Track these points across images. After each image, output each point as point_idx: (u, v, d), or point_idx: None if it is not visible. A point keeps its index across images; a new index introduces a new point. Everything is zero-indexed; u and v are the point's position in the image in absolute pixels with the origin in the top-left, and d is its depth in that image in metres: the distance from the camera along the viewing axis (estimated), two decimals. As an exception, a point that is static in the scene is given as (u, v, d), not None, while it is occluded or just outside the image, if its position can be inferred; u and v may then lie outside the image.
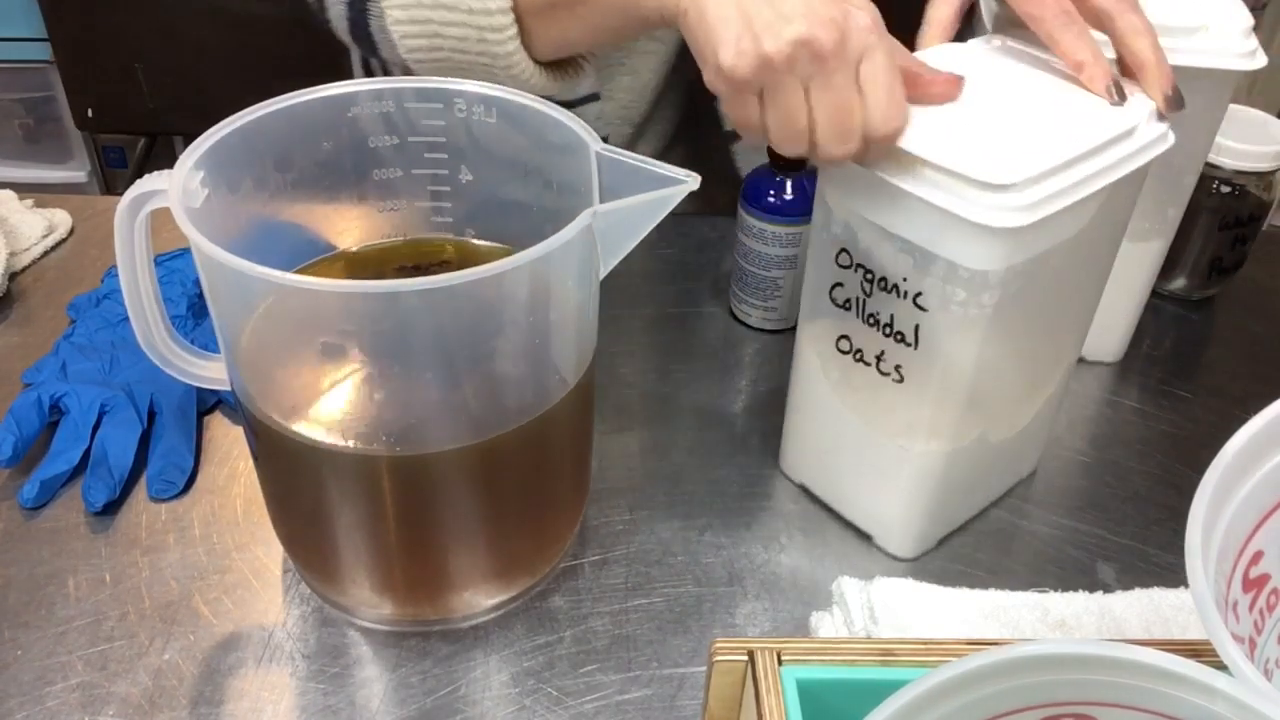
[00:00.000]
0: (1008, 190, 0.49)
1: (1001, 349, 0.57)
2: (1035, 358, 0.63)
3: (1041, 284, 0.56)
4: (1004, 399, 0.62)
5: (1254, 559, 0.39)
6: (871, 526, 0.65)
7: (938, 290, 0.53)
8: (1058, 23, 0.55)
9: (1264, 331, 0.85)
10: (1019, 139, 0.52)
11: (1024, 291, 0.54)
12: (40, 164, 1.82)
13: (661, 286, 0.85)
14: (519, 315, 0.51)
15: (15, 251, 0.83)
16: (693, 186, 0.49)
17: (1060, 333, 0.64)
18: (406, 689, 0.55)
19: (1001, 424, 0.63)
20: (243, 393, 0.53)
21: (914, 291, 0.55)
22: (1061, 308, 0.61)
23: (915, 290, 0.55)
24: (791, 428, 0.68)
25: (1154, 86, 0.56)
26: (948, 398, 0.57)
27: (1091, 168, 0.52)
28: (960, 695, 0.32)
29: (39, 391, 0.67)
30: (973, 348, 0.55)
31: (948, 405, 0.57)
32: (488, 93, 0.57)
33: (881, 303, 0.57)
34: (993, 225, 0.49)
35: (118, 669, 0.55)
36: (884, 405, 0.60)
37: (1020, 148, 0.51)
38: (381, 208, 0.61)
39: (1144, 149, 0.55)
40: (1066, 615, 0.57)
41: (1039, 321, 0.60)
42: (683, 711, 0.55)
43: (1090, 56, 0.55)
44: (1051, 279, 0.57)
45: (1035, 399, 0.65)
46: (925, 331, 0.55)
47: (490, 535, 0.56)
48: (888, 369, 0.58)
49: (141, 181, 0.51)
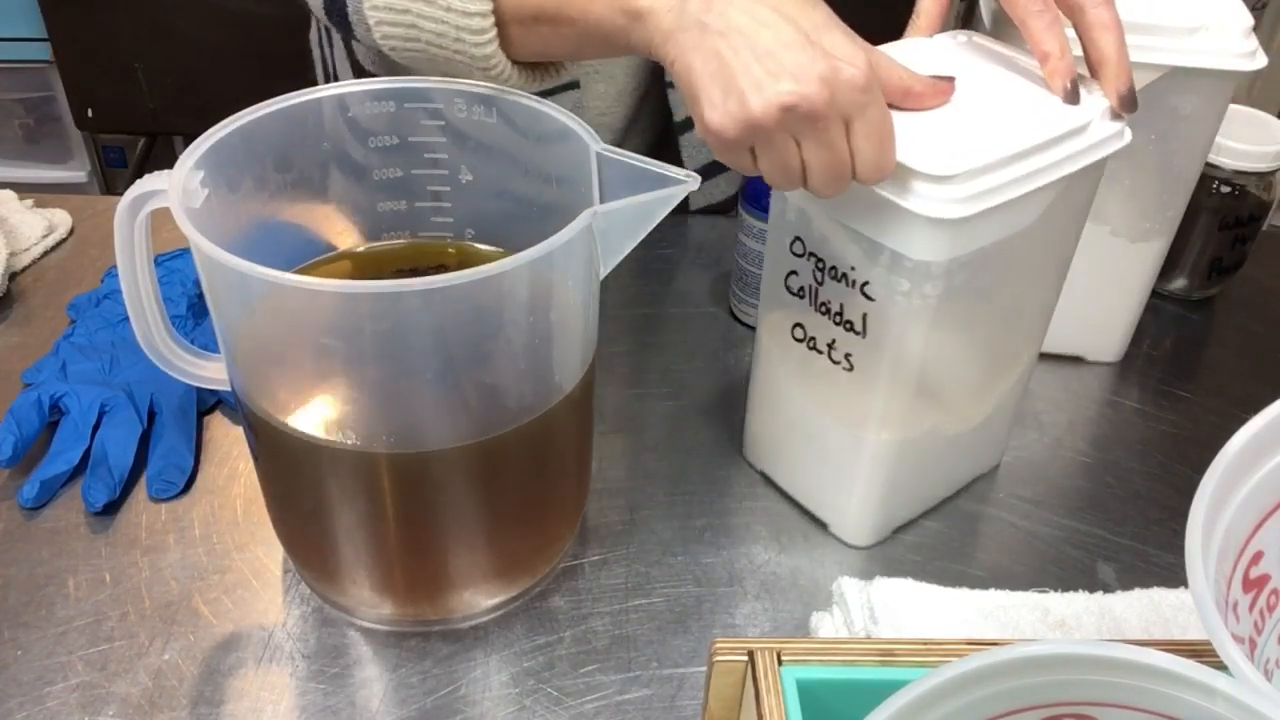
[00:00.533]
0: (949, 182, 0.49)
1: (951, 340, 0.57)
2: (989, 350, 0.63)
3: (991, 276, 0.56)
4: (957, 391, 0.62)
5: (1254, 559, 0.39)
6: (827, 514, 0.65)
7: (884, 280, 0.54)
8: (1032, 9, 0.55)
9: (1264, 331, 0.85)
10: (968, 132, 0.52)
11: (972, 283, 0.55)
12: (40, 164, 1.82)
13: (661, 286, 0.85)
14: (519, 315, 0.51)
15: (15, 251, 0.83)
16: (693, 187, 0.50)
17: (1017, 326, 0.63)
18: (406, 689, 0.55)
19: (956, 416, 0.63)
20: (242, 392, 0.53)
21: (862, 281, 0.55)
22: (1016, 301, 0.61)
23: (863, 279, 0.55)
24: (752, 415, 0.68)
25: (1111, 84, 0.56)
26: (897, 387, 0.57)
27: (1039, 163, 0.52)
28: (960, 696, 0.32)
29: (39, 391, 0.67)
30: (919, 338, 0.55)
31: (897, 395, 0.57)
32: (487, 93, 0.57)
33: (832, 291, 0.57)
34: (933, 216, 0.50)
35: (118, 669, 0.55)
36: (836, 394, 0.60)
37: (967, 140, 0.51)
38: (381, 208, 0.61)
39: (1096, 146, 0.55)
40: (1066, 615, 0.57)
41: (991, 314, 0.60)
42: (683, 711, 0.55)
43: (1057, 49, 0.55)
44: (1003, 272, 0.57)
45: (992, 392, 0.65)
46: (873, 321, 0.56)
47: (490, 535, 0.56)
48: (839, 358, 0.59)
49: (141, 181, 0.51)
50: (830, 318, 0.58)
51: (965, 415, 0.64)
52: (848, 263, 0.55)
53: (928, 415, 0.60)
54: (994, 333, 0.62)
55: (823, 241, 0.56)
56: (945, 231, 0.51)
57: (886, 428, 0.59)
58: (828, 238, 0.56)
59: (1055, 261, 0.62)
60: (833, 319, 0.58)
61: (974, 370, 0.62)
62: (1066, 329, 0.76)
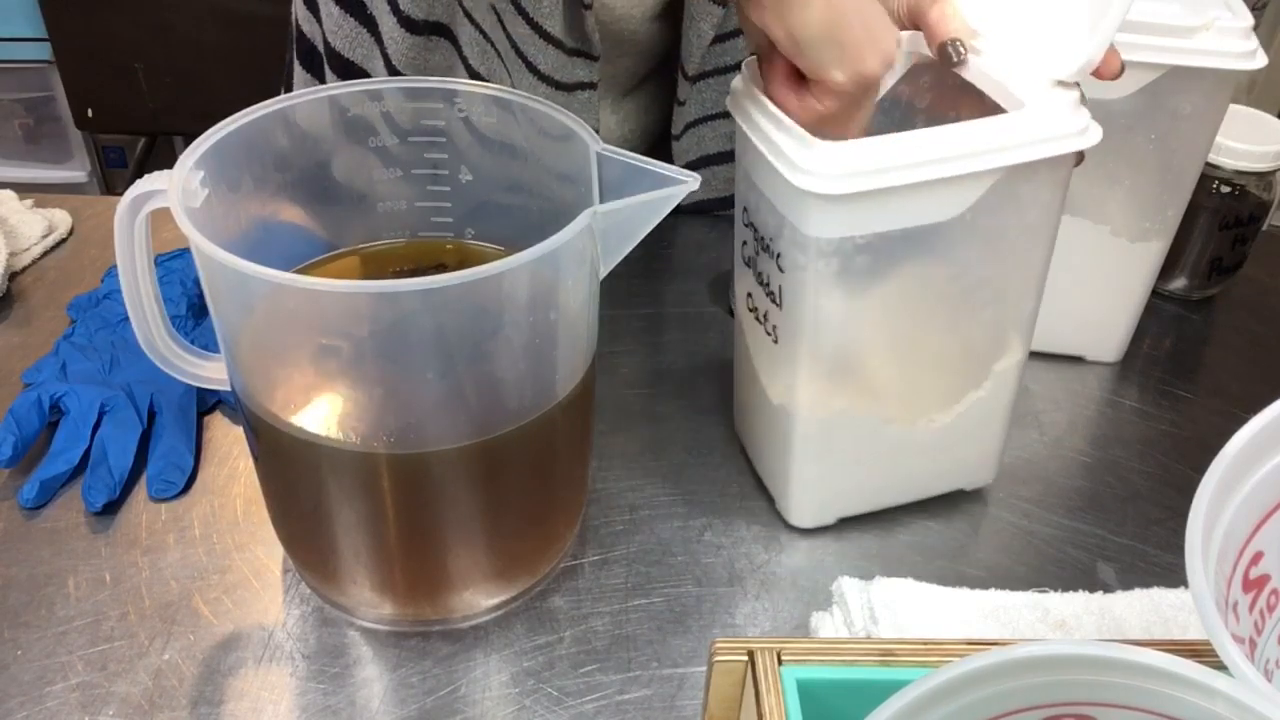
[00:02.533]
0: (815, 151, 0.49)
1: (874, 326, 0.57)
2: (937, 350, 0.60)
3: (919, 268, 0.55)
4: (892, 382, 0.61)
5: (1254, 559, 0.39)
6: (775, 490, 0.66)
7: (789, 253, 0.54)
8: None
9: (1264, 331, 0.85)
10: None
11: (883, 269, 0.54)
12: (40, 164, 1.82)
13: (661, 286, 0.85)
14: (519, 315, 0.51)
15: (15, 251, 0.83)
16: (693, 186, 0.50)
17: (977, 330, 0.60)
18: (406, 689, 0.55)
19: (895, 409, 0.61)
20: (243, 392, 0.53)
21: (777, 252, 0.55)
22: (970, 302, 0.58)
23: (778, 250, 0.55)
24: (734, 389, 0.69)
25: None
26: (812, 364, 0.57)
27: (948, 150, 0.50)
28: (961, 696, 0.32)
29: (39, 391, 0.67)
30: (826, 314, 0.55)
31: (813, 372, 0.57)
32: (488, 93, 0.57)
33: (764, 263, 0.58)
34: (805, 189, 0.49)
35: (118, 669, 0.55)
36: (770, 366, 0.61)
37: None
38: (381, 208, 0.61)
39: (1040, 143, 0.51)
40: (1066, 615, 0.57)
41: (931, 310, 0.58)
42: (683, 711, 0.55)
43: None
44: (939, 266, 0.55)
45: (954, 398, 0.62)
46: (786, 292, 0.56)
47: (490, 535, 0.56)
48: (770, 330, 0.59)
49: (141, 181, 0.51)
50: (763, 288, 0.58)
51: (912, 413, 0.62)
52: (769, 232, 0.56)
53: (851, 399, 0.60)
54: (938, 332, 0.59)
55: (755, 210, 0.57)
56: (829, 207, 0.50)
57: (807, 405, 0.59)
58: (758, 207, 0.57)
59: (1020, 265, 0.58)
60: (764, 289, 0.58)
61: (914, 366, 0.60)
62: (1066, 329, 0.76)
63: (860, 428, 0.61)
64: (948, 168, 0.51)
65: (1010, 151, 0.51)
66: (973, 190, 0.52)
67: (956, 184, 0.52)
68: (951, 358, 0.61)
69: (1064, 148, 0.52)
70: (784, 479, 0.64)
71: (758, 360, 0.63)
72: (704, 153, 0.89)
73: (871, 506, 0.66)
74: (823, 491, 0.64)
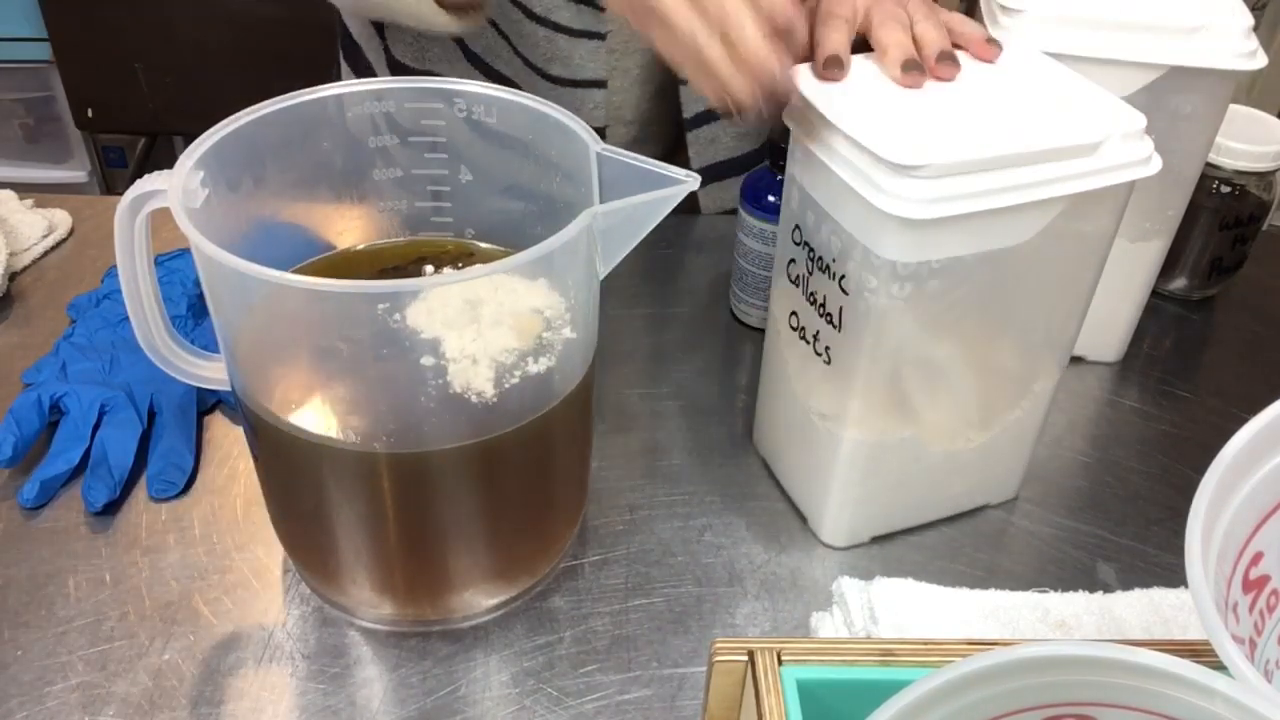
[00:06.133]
0: (914, 175, 0.49)
1: (932, 350, 0.56)
2: (984, 371, 0.60)
3: (980, 290, 0.55)
4: (944, 405, 0.60)
5: (1254, 560, 0.39)
6: (808, 509, 0.65)
7: (857, 275, 0.54)
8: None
9: (1264, 331, 0.85)
10: (953, 129, 0.51)
11: (953, 293, 0.54)
12: (40, 164, 1.82)
13: (661, 286, 0.85)
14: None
15: (15, 251, 0.83)
16: (692, 186, 0.50)
17: (1020, 352, 0.61)
18: (406, 689, 0.55)
19: (944, 432, 0.62)
20: (243, 392, 0.53)
21: (840, 274, 0.55)
22: (1020, 324, 0.59)
23: (841, 272, 0.55)
24: (759, 401, 0.69)
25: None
26: (868, 387, 0.57)
27: (1027, 176, 0.50)
28: (961, 696, 0.32)
29: (39, 391, 0.67)
30: (890, 338, 0.55)
31: (869, 395, 0.57)
32: (488, 93, 0.57)
33: (819, 282, 0.57)
34: (894, 214, 0.49)
35: (118, 669, 0.55)
36: (818, 387, 0.60)
37: (947, 137, 0.50)
38: (381, 208, 0.61)
39: (1110, 170, 0.52)
40: (1066, 615, 0.57)
41: (984, 332, 0.58)
42: (683, 711, 0.55)
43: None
44: (1000, 289, 0.56)
45: (994, 417, 0.63)
46: (847, 315, 0.56)
47: (490, 535, 0.56)
48: (820, 349, 0.59)
49: (141, 181, 0.51)
50: (816, 308, 0.58)
51: (954, 433, 0.62)
52: (830, 254, 0.55)
53: (905, 423, 0.59)
54: (989, 353, 0.60)
55: (814, 230, 0.57)
56: (911, 232, 0.50)
57: (857, 426, 0.59)
58: (818, 227, 0.56)
59: (1070, 289, 0.59)
60: (817, 310, 0.58)
61: (963, 388, 0.61)
62: (1067, 329, 0.76)
63: (906, 449, 0.61)
64: (1030, 193, 0.51)
65: (1085, 179, 0.52)
66: (1045, 214, 0.53)
67: (1034, 209, 0.52)
68: (998, 379, 0.62)
69: (1130, 175, 0.53)
70: (821, 498, 0.63)
71: (800, 380, 0.62)
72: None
73: (904, 525, 0.66)
74: (862, 512, 0.63)
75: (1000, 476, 0.67)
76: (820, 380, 0.60)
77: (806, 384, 0.62)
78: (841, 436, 0.59)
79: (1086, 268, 0.59)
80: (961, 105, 0.54)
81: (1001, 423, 0.63)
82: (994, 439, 0.64)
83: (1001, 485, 0.68)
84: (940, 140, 0.50)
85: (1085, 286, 0.60)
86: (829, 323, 0.57)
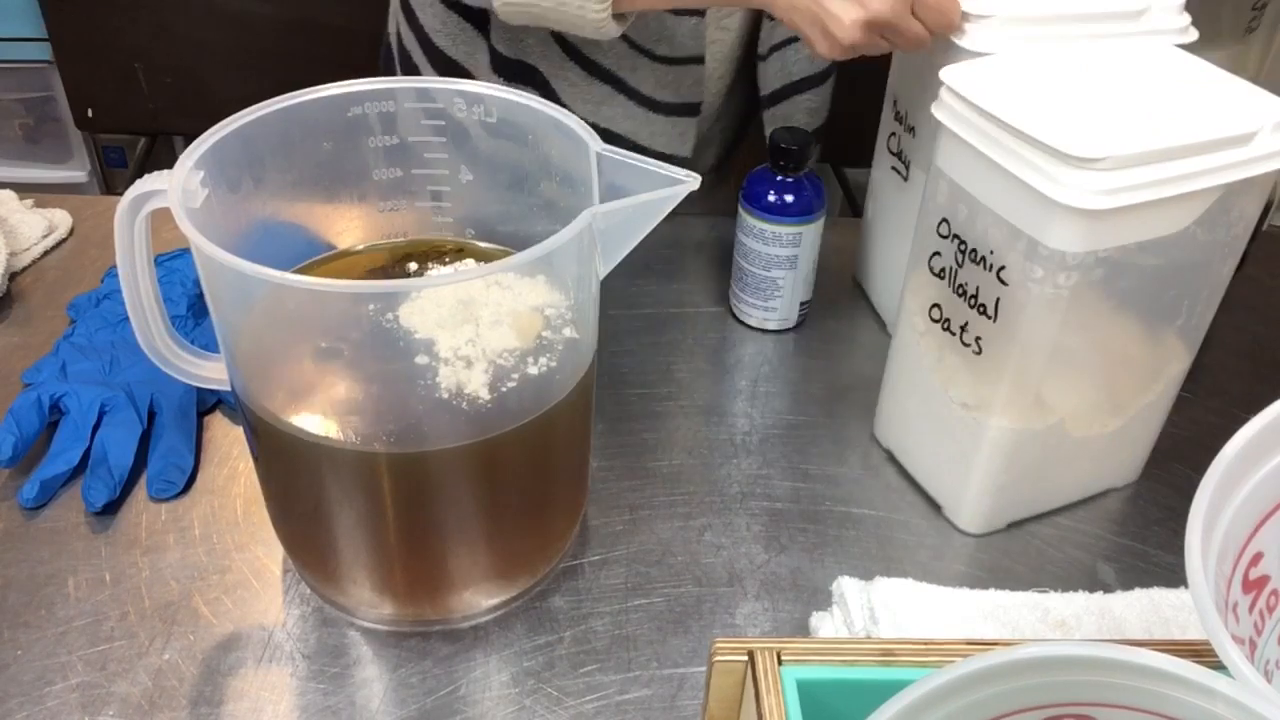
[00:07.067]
0: (1092, 168, 0.50)
1: (1084, 337, 0.57)
2: (1127, 358, 0.62)
3: (1133, 278, 0.56)
4: (1087, 392, 0.62)
5: (1254, 560, 0.39)
6: (943, 497, 0.66)
7: (1019, 266, 0.55)
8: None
9: (1264, 331, 0.85)
10: (1123, 123, 0.52)
11: (1109, 281, 0.55)
12: (40, 164, 1.82)
13: (661, 286, 0.85)
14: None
15: (15, 251, 0.83)
16: (692, 186, 0.50)
17: (1159, 338, 0.63)
18: (406, 689, 0.55)
19: (1083, 418, 0.63)
20: (243, 392, 0.53)
21: (999, 265, 0.56)
22: (1161, 310, 0.61)
23: (1000, 264, 0.56)
24: (885, 394, 0.70)
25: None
26: (1021, 375, 0.58)
27: (1193, 166, 0.52)
28: (961, 696, 0.32)
29: (39, 391, 0.67)
30: (1048, 328, 0.56)
31: (1020, 383, 0.58)
32: (488, 93, 0.57)
33: (970, 274, 0.58)
34: (1072, 205, 0.50)
35: (118, 669, 0.55)
36: (964, 377, 0.61)
37: (1120, 130, 0.51)
38: (381, 208, 0.61)
39: (1262, 159, 0.54)
40: (1066, 615, 0.57)
41: (1132, 319, 0.60)
42: (683, 711, 0.55)
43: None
44: (1148, 276, 0.57)
45: (1128, 402, 0.64)
46: (1005, 306, 0.57)
47: (490, 535, 0.56)
48: (969, 340, 0.60)
49: (141, 181, 0.51)
50: (965, 300, 0.59)
51: (1096, 419, 0.63)
52: (988, 246, 0.56)
53: (1051, 410, 0.60)
54: (1134, 340, 0.61)
55: (968, 224, 0.58)
56: (1084, 222, 0.51)
57: (1006, 415, 0.60)
58: (972, 220, 0.57)
59: (1212, 274, 0.61)
60: (968, 301, 0.59)
61: (1108, 375, 0.62)
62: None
63: (1048, 435, 0.62)
64: (1195, 182, 0.52)
65: (1242, 167, 0.53)
66: (1204, 202, 0.54)
67: (1195, 197, 0.53)
68: (1136, 364, 0.63)
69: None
70: (962, 487, 0.64)
71: (941, 370, 0.63)
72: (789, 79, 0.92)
73: (1037, 510, 0.67)
74: (1004, 500, 0.64)
75: (1127, 460, 0.69)
76: (962, 370, 0.61)
77: (950, 375, 0.62)
78: (987, 424, 0.60)
79: (1229, 254, 0.60)
80: (1116, 99, 0.55)
81: (1136, 407, 0.65)
82: (1127, 423, 0.65)
83: (1127, 468, 0.69)
84: (1114, 133, 0.51)
85: (1226, 272, 0.61)
86: (982, 313, 0.58)
